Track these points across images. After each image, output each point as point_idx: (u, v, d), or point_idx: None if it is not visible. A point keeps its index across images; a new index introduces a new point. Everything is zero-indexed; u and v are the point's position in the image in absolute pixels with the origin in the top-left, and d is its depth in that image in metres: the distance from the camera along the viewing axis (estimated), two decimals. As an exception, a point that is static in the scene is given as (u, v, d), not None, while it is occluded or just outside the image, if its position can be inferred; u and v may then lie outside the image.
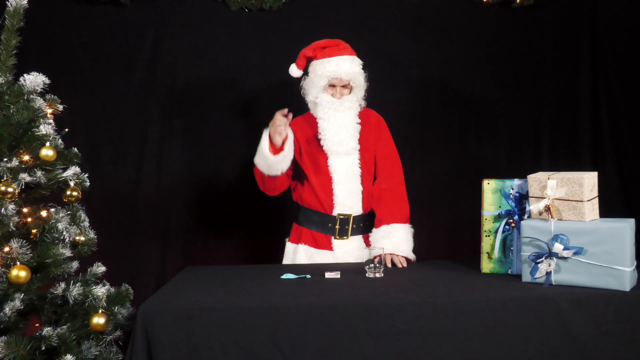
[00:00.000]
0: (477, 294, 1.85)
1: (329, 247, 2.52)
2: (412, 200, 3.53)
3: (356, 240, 2.53)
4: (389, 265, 2.33)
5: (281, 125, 2.33)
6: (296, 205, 2.67)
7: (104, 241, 2.29)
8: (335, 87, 2.50)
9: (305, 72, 2.61)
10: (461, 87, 3.51)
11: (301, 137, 2.58)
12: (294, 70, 2.60)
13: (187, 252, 3.38)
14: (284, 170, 2.46)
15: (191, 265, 2.49)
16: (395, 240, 2.39)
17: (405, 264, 2.35)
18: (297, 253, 2.57)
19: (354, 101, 2.53)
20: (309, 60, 2.58)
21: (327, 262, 2.48)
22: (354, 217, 2.52)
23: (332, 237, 2.52)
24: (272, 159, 2.39)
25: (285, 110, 2.36)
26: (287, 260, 2.62)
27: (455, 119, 3.52)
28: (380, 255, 2.14)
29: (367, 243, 2.53)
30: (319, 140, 2.51)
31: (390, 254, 2.35)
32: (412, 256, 2.42)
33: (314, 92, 2.52)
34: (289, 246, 2.63)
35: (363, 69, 2.57)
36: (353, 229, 2.52)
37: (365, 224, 2.56)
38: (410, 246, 2.44)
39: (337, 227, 2.51)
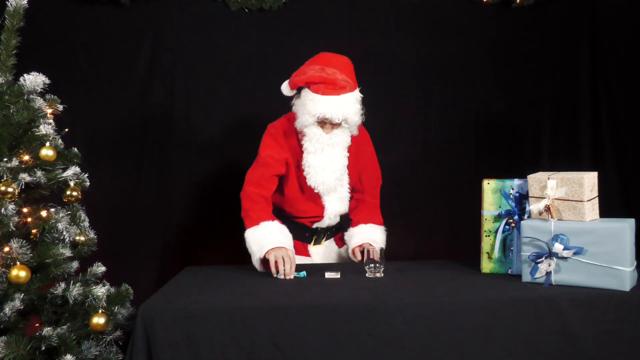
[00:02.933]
0: (477, 294, 1.85)
1: (306, 253, 2.53)
2: (412, 200, 3.54)
3: (327, 244, 2.60)
4: (362, 256, 2.29)
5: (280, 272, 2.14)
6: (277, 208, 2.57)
7: (104, 241, 2.29)
8: (326, 123, 2.33)
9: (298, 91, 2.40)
10: (461, 87, 3.51)
11: (292, 160, 2.42)
12: (286, 89, 2.40)
13: (187, 252, 3.37)
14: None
15: (191, 265, 2.49)
16: (374, 237, 2.48)
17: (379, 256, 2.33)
18: None
19: (345, 135, 2.37)
20: (305, 86, 2.35)
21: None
22: (331, 226, 2.57)
23: (309, 245, 2.55)
24: (259, 267, 2.26)
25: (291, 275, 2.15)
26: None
27: (455, 119, 3.52)
28: (362, 245, 2.28)
29: (339, 244, 2.61)
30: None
31: (369, 244, 2.42)
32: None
33: (303, 121, 2.32)
34: None
35: (362, 99, 2.37)
36: (327, 235, 2.59)
37: (337, 227, 2.61)
38: (384, 245, 2.53)
39: (314, 237, 2.55)
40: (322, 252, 2.56)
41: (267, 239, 2.22)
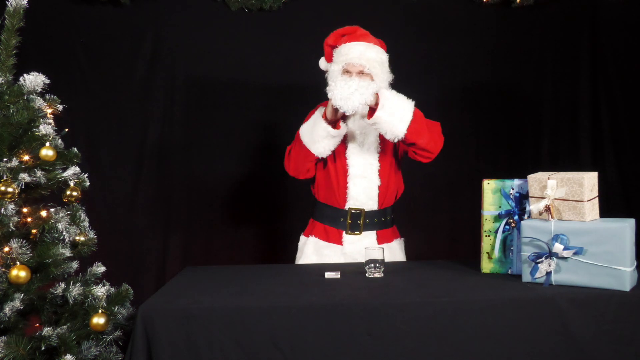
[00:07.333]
0: (477, 294, 1.85)
1: (339, 241, 2.46)
2: (412, 200, 3.54)
3: (369, 237, 2.46)
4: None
5: None
6: (313, 200, 2.61)
7: (104, 241, 2.29)
8: (351, 73, 2.34)
9: None
10: (461, 87, 3.51)
11: None
12: (322, 63, 2.51)
13: (187, 252, 3.38)
14: (329, 151, 2.38)
15: (191, 265, 2.49)
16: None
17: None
18: (306, 245, 2.53)
19: (371, 84, 2.30)
20: (334, 50, 2.46)
21: (336, 256, 2.43)
22: (366, 212, 2.45)
23: (344, 232, 2.46)
24: (329, 131, 2.31)
25: None
26: (299, 253, 2.58)
27: (456, 118, 3.52)
28: None
29: (380, 242, 2.47)
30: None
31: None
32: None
33: (332, 80, 2.35)
34: (302, 239, 2.60)
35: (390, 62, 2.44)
36: (366, 224, 2.45)
37: (380, 219, 2.48)
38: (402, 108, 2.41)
39: (348, 221, 2.44)
40: (357, 242, 2.42)
41: (309, 121, 2.41)
